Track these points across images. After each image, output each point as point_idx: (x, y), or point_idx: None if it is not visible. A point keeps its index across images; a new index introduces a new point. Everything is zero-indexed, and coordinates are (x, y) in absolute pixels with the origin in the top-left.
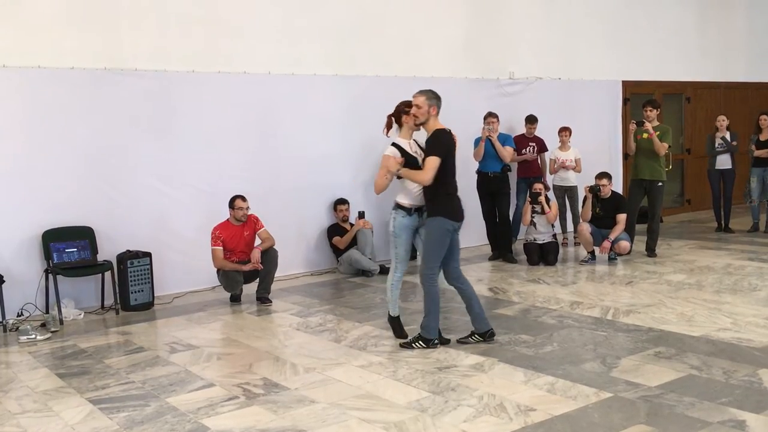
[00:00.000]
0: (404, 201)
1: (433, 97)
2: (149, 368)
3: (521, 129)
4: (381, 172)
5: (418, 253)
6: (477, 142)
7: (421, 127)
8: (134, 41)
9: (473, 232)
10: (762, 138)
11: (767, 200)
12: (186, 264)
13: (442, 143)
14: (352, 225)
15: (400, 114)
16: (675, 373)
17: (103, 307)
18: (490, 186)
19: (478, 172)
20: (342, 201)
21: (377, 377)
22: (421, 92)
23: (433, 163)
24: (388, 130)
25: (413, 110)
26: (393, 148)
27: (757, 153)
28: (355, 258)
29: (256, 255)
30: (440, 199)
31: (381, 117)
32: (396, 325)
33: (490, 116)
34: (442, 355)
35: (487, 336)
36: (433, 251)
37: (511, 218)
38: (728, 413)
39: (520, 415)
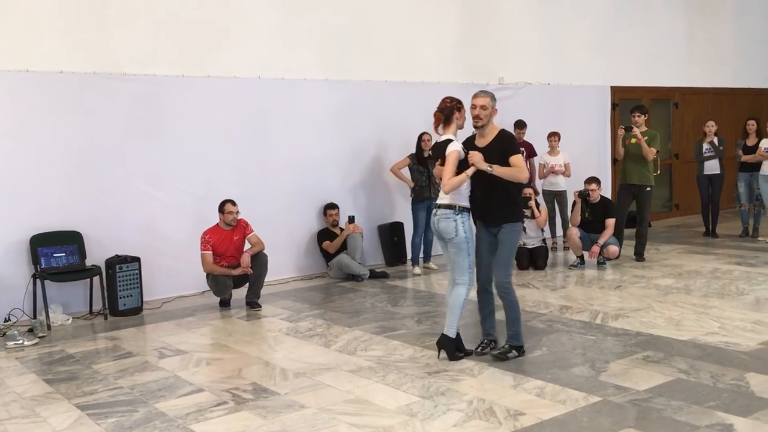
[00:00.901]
0: (465, 203)
1: (495, 100)
2: (138, 373)
3: None
4: (448, 170)
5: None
6: None
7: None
8: (123, 45)
9: None
10: (749, 143)
11: (754, 205)
12: (175, 269)
13: (516, 142)
14: (341, 229)
15: (452, 110)
16: (663, 377)
17: (91, 312)
18: None
19: None
20: (332, 205)
21: (367, 382)
22: (485, 93)
23: (522, 160)
24: (436, 127)
25: (478, 111)
26: (458, 144)
27: (744, 158)
28: (345, 263)
29: (245, 259)
30: (517, 203)
31: (372, 121)
32: (454, 345)
33: None
34: (431, 360)
35: (520, 351)
36: (512, 258)
37: None
38: (716, 417)
39: (509, 419)
